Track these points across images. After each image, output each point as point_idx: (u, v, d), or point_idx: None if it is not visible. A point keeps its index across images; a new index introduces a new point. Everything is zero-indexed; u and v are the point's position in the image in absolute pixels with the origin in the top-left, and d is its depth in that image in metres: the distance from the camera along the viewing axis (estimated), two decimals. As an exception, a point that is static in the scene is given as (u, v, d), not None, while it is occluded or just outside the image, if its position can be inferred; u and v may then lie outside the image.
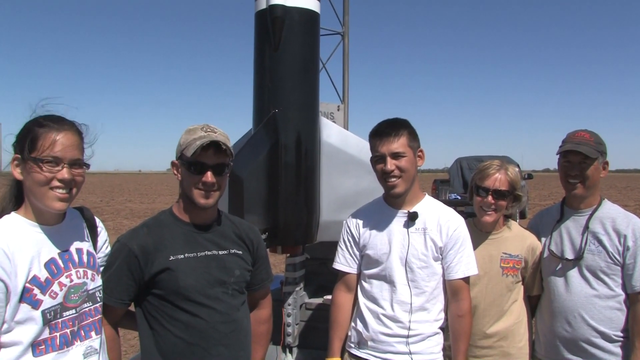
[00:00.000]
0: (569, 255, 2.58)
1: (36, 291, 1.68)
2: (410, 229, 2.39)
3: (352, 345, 2.49)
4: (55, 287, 1.73)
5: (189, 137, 2.04)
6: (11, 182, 1.81)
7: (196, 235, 2.10)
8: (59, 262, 1.77)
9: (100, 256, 2.00)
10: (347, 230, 2.56)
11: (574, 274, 2.56)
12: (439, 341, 2.42)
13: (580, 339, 2.53)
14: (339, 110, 5.14)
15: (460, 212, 2.54)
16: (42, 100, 1.82)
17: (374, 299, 2.42)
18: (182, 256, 2.03)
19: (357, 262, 2.51)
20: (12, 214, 1.77)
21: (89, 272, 1.87)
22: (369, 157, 2.47)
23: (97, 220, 2.04)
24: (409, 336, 2.34)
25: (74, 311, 1.79)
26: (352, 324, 2.52)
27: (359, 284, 2.52)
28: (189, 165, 2.03)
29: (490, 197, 2.63)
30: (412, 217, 2.39)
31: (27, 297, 1.66)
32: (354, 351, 2.48)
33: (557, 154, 2.63)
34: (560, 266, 2.61)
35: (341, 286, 2.55)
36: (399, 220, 2.42)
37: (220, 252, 2.12)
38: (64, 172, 1.72)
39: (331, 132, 3.44)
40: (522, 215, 16.06)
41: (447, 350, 2.46)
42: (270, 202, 3.08)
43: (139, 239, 2.04)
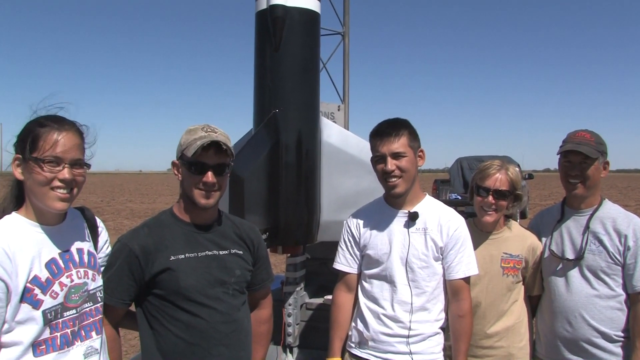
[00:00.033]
0: (570, 255, 2.58)
1: (37, 291, 1.68)
2: (410, 229, 2.39)
3: (353, 345, 2.49)
4: (55, 287, 1.73)
5: (190, 137, 2.04)
6: (12, 182, 1.81)
7: (197, 235, 2.10)
8: (60, 262, 1.77)
9: (101, 256, 2.01)
10: (347, 230, 2.56)
11: (575, 274, 2.56)
12: (439, 341, 2.42)
13: (580, 339, 2.53)
14: (339, 110, 5.14)
15: (460, 212, 2.54)
16: (44, 99, 1.82)
17: (375, 299, 2.42)
18: (183, 256, 2.03)
19: (358, 262, 2.51)
20: (13, 214, 1.77)
21: (90, 272, 1.87)
22: (369, 157, 2.47)
23: (98, 220, 2.04)
24: (409, 336, 2.34)
25: (75, 311, 1.79)
26: (353, 324, 2.51)
27: (359, 284, 2.52)
28: (189, 165, 2.03)
29: (490, 197, 2.63)
30: (412, 217, 2.39)
31: (27, 297, 1.66)
32: (354, 351, 2.48)
33: (557, 154, 2.63)
34: (560, 266, 2.61)
35: (342, 286, 2.55)
36: (400, 220, 2.42)
37: (220, 252, 2.12)
38: (65, 172, 1.72)
39: (332, 132, 3.44)
40: (523, 215, 16.06)
41: (448, 350, 2.46)
42: (270, 202, 3.08)
43: (140, 239, 2.04)
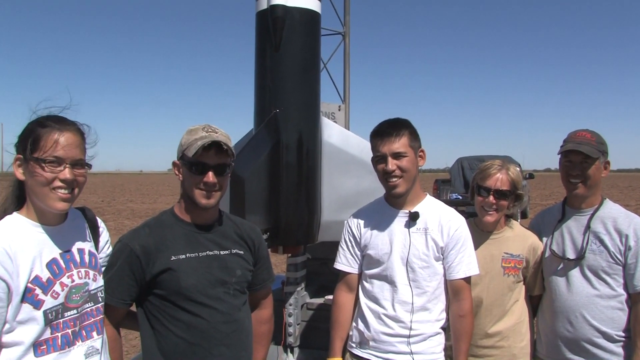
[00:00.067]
0: (571, 255, 2.58)
1: (38, 291, 1.68)
2: (411, 229, 2.38)
3: (354, 345, 2.49)
4: (56, 287, 1.73)
5: (190, 137, 2.04)
6: (13, 183, 1.81)
7: (197, 235, 2.10)
8: (61, 262, 1.77)
9: (101, 256, 2.01)
10: (348, 230, 2.56)
11: (576, 273, 2.56)
12: (440, 341, 2.41)
13: (581, 339, 2.53)
14: (340, 110, 5.14)
15: (461, 212, 2.55)
16: (44, 101, 1.82)
17: (375, 299, 2.42)
18: (184, 256, 2.03)
19: (358, 262, 2.51)
20: (14, 214, 1.77)
21: (91, 273, 1.87)
22: (370, 157, 2.47)
23: (99, 220, 2.04)
24: (410, 336, 2.34)
25: (76, 311, 1.79)
26: (354, 324, 2.51)
27: (360, 284, 2.52)
28: (190, 165, 2.03)
29: (491, 197, 2.63)
30: (413, 217, 2.39)
31: (28, 297, 1.66)
32: (355, 351, 2.47)
33: (558, 154, 2.63)
34: (561, 266, 2.61)
35: (342, 286, 2.55)
36: (400, 220, 2.42)
37: (221, 252, 2.12)
38: (66, 172, 1.72)
39: (332, 132, 3.44)
40: (524, 215, 16.05)
41: (449, 350, 2.46)
42: (271, 202, 3.08)
43: (141, 239, 2.04)
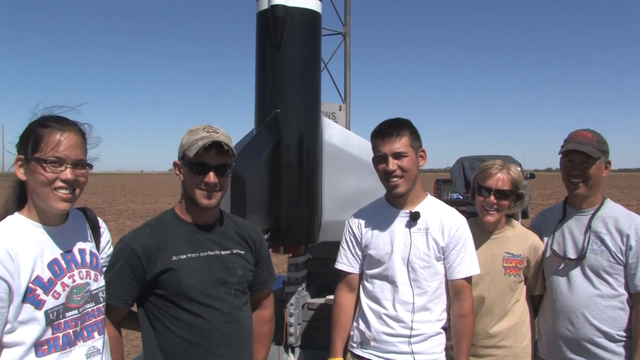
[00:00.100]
0: (572, 254, 2.58)
1: (39, 291, 1.68)
2: (412, 229, 2.38)
3: (355, 345, 2.49)
4: (58, 288, 1.73)
5: (191, 137, 2.04)
6: (14, 183, 1.81)
7: (198, 235, 2.10)
8: (62, 262, 1.77)
9: (103, 257, 2.01)
10: (349, 230, 2.56)
11: (577, 273, 2.56)
12: (441, 341, 2.41)
13: (583, 339, 2.53)
14: (340, 110, 5.14)
15: (462, 212, 2.54)
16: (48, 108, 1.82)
17: (376, 299, 2.42)
18: (185, 256, 2.04)
19: (359, 262, 2.51)
20: (16, 215, 1.77)
21: (92, 273, 1.87)
22: (370, 157, 2.47)
23: (100, 220, 2.04)
24: (411, 336, 2.34)
25: (77, 312, 1.79)
26: (355, 324, 2.51)
27: (361, 284, 2.52)
28: (191, 165, 2.03)
29: (492, 197, 2.62)
30: (414, 217, 2.38)
31: (30, 297, 1.66)
32: (356, 351, 2.47)
33: (559, 154, 2.62)
34: (562, 266, 2.61)
35: (343, 286, 2.55)
36: (401, 220, 2.42)
37: (222, 252, 2.12)
38: (67, 173, 1.72)
39: (333, 132, 3.44)
40: (525, 214, 16.04)
41: (450, 350, 2.46)
42: (272, 202, 3.08)
43: (142, 240, 2.04)
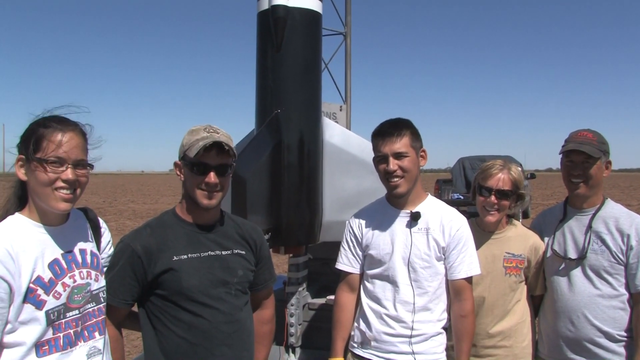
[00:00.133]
0: (572, 254, 2.58)
1: (40, 291, 1.68)
2: (412, 229, 2.38)
3: (355, 345, 2.49)
4: (58, 288, 1.73)
5: (192, 137, 2.04)
6: (15, 183, 1.81)
7: (199, 235, 2.10)
8: (63, 262, 1.77)
9: (103, 257, 2.01)
10: (349, 230, 2.56)
11: (577, 273, 2.56)
12: (442, 341, 2.42)
13: (583, 339, 2.53)
14: (341, 110, 5.14)
15: (462, 212, 2.54)
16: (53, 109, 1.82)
17: (377, 299, 2.42)
18: (186, 256, 2.04)
19: (360, 262, 2.51)
20: (16, 215, 1.77)
21: (93, 273, 1.87)
22: (371, 157, 2.47)
23: (101, 221, 2.04)
24: (412, 336, 2.34)
25: (78, 312, 1.80)
26: (355, 324, 2.52)
27: (361, 284, 2.52)
28: (191, 165, 2.04)
29: (493, 197, 2.62)
30: (414, 217, 2.38)
31: (30, 297, 1.66)
32: (357, 351, 2.48)
33: (559, 154, 2.62)
34: (563, 266, 2.61)
35: (344, 286, 2.55)
36: (402, 220, 2.42)
37: (223, 253, 2.12)
38: (68, 173, 1.72)
39: (333, 132, 3.44)
40: (525, 214, 16.03)
41: (450, 350, 2.46)
42: (273, 202, 3.08)
43: (142, 240, 2.04)
